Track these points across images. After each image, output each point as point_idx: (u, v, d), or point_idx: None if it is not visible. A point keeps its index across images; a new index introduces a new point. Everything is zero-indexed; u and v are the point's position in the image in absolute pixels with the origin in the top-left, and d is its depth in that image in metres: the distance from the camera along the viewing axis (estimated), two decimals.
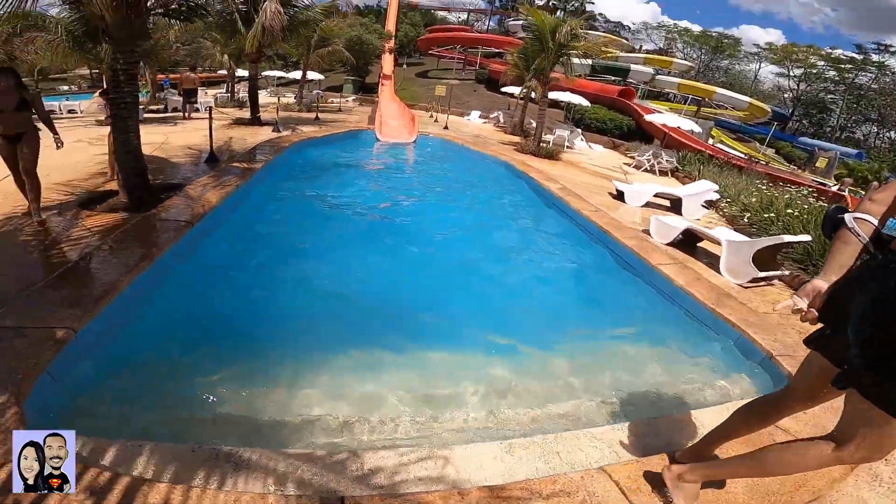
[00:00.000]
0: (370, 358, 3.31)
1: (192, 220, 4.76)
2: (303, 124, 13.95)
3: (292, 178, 8.11)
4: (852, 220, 1.55)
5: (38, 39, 11.16)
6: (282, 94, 24.11)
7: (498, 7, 59.20)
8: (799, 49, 48.01)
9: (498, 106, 23.07)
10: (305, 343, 3.41)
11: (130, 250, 3.90)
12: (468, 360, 3.45)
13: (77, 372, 2.63)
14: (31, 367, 2.40)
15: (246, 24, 12.69)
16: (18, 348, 2.51)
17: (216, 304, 3.84)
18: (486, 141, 14.16)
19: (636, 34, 61.55)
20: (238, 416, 2.61)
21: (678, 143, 17.34)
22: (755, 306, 4.35)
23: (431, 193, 8.47)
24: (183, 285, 3.97)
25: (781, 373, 3.21)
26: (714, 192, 8.71)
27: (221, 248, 4.82)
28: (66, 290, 3.19)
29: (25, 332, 2.65)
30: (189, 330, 3.40)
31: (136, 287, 3.45)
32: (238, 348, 3.26)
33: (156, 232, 4.43)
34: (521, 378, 3.27)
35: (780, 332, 3.74)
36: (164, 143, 9.24)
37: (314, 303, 4.07)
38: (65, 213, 4.81)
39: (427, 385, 3.10)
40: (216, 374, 2.91)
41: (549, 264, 5.68)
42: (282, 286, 4.27)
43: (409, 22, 46.69)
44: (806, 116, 50.65)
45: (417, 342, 3.57)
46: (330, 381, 3.02)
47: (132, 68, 5.41)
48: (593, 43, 14.25)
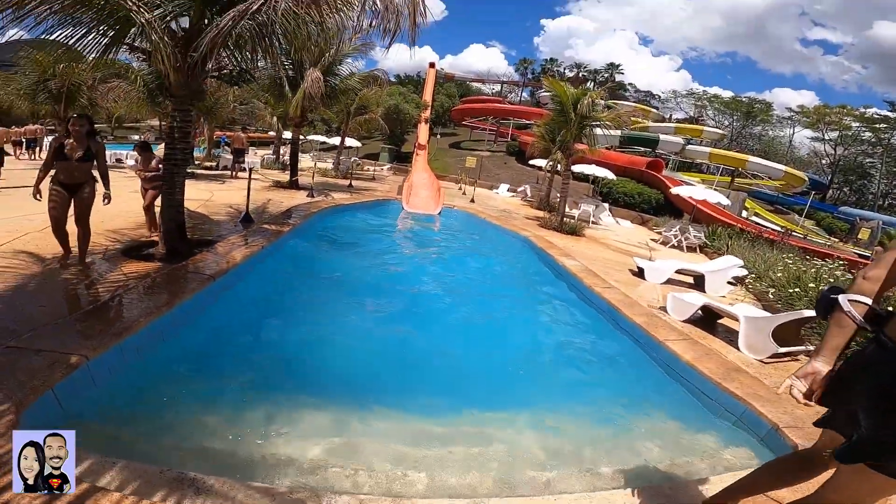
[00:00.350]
0: (360, 413, 3.40)
1: (216, 275, 5.10)
2: (336, 190, 14.70)
3: (313, 243, 8.48)
4: (847, 302, 1.56)
5: (117, 88, 12.69)
6: (323, 158, 25.65)
7: (530, 79, 62.08)
8: (831, 110, 46.18)
9: (527, 179, 23.41)
10: (295, 390, 3.64)
11: (155, 296, 4.28)
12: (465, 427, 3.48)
13: (80, 395, 2.88)
14: (39, 384, 2.67)
15: (292, 89, 13.74)
16: (33, 367, 2.81)
17: (219, 352, 4.14)
18: (510, 215, 14.33)
19: (666, 103, 61.79)
20: (216, 448, 2.81)
21: (707, 217, 17.16)
22: (774, 381, 4.31)
23: (444, 265, 8.61)
24: (194, 332, 4.25)
25: (787, 444, 3.21)
26: (739, 267, 8.54)
27: (235, 302, 5.13)
28: (90, 324, 3.52)
29: (43, 354, 2.97)
30: (190, 371, 3.68)
31: (152, 328, 3.77)
32: (230, 391, 3.49)
33: (181, 282, 4.78)
34: (520, 447, 3.30)
35: (790, 405, 3.71)
36: (209, 201, 9.96)
37: (310, 358, 4.31)
38: (108, 258, 5.28)
39: (413, 445, 3.14)
40: (206, 411, 3.16)
41: (554, 339, 5.66)
42: (283, 341, 4.57)
43: (445, 93, 49.41)
44: (846, 183, 48.61)
45: (409, 402, 3.67)
46: (313, 428, 3.17)
47: (187, 126, 5.95)
48: (617, 113, 14.42)
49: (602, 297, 6.51)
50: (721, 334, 5.61)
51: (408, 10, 4.37)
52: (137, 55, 6.16)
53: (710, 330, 5.70)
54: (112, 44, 5.24)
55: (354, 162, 22.81)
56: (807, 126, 49.35)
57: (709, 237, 13.97)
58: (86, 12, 4.73)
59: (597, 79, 63.33)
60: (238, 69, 6.93)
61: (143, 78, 11.24)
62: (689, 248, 13.53)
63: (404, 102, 31.17)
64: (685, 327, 5.67)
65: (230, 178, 15.25)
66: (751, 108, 52.70)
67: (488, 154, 31.60)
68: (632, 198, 20.53)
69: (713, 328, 5.81)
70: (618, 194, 20.76)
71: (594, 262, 8.83)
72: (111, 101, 14.41)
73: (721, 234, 13.96)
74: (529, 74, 61.61)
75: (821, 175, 46.79)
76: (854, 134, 45.43)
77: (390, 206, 14.10)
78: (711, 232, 14.29)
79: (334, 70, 14.57)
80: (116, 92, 12.97)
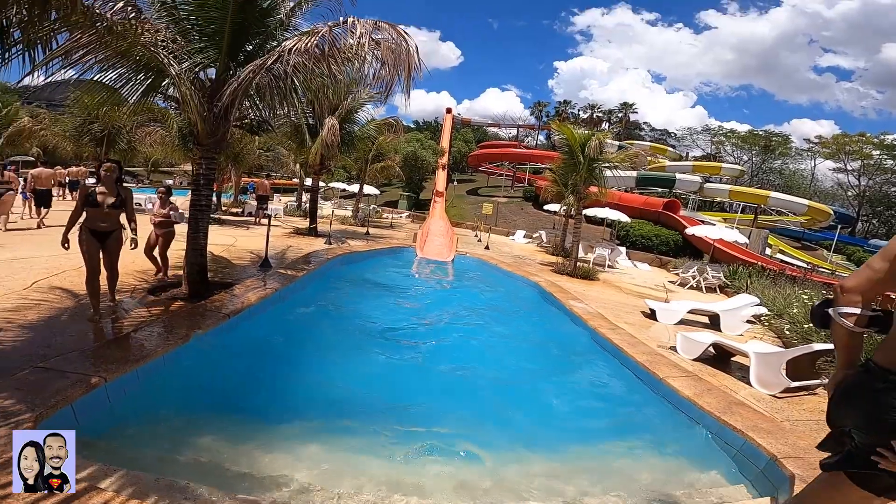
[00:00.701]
0: (346, 441, 3.62)
1: (230, 314, 5.46)
2: (353, 238, 15.07)
3: (325, 288, 8.80)
4: (838, 314, 1.68)
5: (154, 132, 13.45)
6: (343, 206, 26.40)
7: (545, 122, 63.14)
8: (850, 139, 44.75)
9: (543, 224, 23.37)
10: (290, 417, 3.89)
11: (174, 330, 4.66)
12: (468, 467, 3.57)
13: (95, 411, 3.19)
14: (60, 399, 2.98)
15: (312, 137, 14.16)
16: (57, 385, 3.15)
17: (227, 380, 4.46)
18: (524, 262, 14.36)
19: (682, 140, 60.94)
20: (211, 463, 3.06)
21: (727, 256, 16.88)
22: (787, 415, 4.37)
23: (449, 309, 8.73)
24: (207, 362, 4.58)
25: (784, 474, 3.25)
26: (754, 305, 8.41)
27: (247, 338, 5.46)
28: (112, 352, 3.92)
29: (68, 375, 3.32)
30: (197, 396, 4.01)
31: (168, 358, 4.13)
32: (232, 415, 3.78)
33: (199, 319, 5.11)
34: (519, 477, 3.42)
35: (792, 436, 3.79)
36: (232, 246, 10.44)
37: (305, 389, 4.60)
38: (135, 296, 5.73)
39: (410, 474, 3.29)
40: (207, 431, 3.42)
41: (557, 379, 5.71)
42: (285, 373, 4.88)
43: (462, 138, 50.74)
44: (874, 215, 46.36)
45: (403, 431, 3.85)
46: (303, 452, 3.38)
47: (211, 174, 6.37)
48: (626, 154, 14.41)
49: (605, 337, 6.58)
50: (734, 371, 5.68)
51: (404, 65, 4.72)
52: (171, 103, 6.68)
53: (722, 368, 5.75)
54: (148, 91, 5.85)
55: (373, 209, 23.31)
56: (827, 157, 47.89)
57: (729, 277, 13.70)
58: (125, 63, 5.34)
59: (611, 119, 64.12)
60: (258, 119, 7.48)
61: (177, 123, 11.85)
62: (708, 289, 13.28)
63: (422, 149, 32.00)
64: (694, 366, 5.69)
65: (254, 224, 15.81)
66: (768, 142, 51.66)
67: (505, 200, 31.84)
68: (649, 240, 20.33)
69: (727, 366, 5.87)
70: (635, 237, 20.59)
71: (605, 306, 8.79)
72: (148, 146, 15.14)
73: (741, 273, 13.70)
74: (544, 117, 62.64)
75: (847, 208, 45.27)
76: (876, 163, 43.84)
77: (404, 253, 14.36)
78: (732, 272, 14.02)
79: (352, 118, 15.05)
80: (153, 136, 13.85)
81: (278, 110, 6.72)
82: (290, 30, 6.51)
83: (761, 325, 8.69)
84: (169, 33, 5.48)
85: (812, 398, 5.02)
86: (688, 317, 8.35)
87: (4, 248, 7.52)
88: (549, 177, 16.50)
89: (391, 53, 4.77)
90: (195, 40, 5.87)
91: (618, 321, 7.56)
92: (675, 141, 61.04)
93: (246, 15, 5.75)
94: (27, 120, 21.16)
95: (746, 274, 13.53)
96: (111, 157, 5.89)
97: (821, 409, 4.53)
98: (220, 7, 5.56)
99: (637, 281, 13.60)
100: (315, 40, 5.06)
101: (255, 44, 6.29)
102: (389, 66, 4.78)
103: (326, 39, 5.17)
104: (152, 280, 6.61)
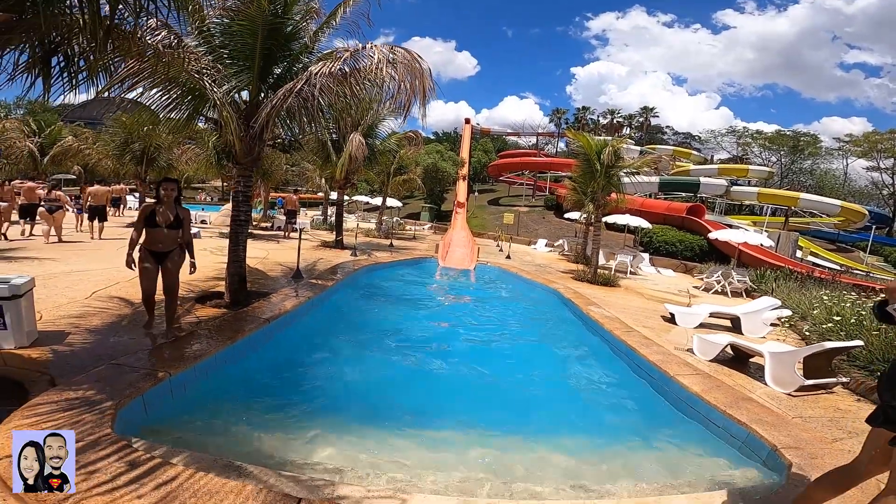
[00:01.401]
0: (373, 432, 3.96)
1: (269, 319, 5.97)
2: (378, 250, 15.48)
3: (353, 296, 9.32)
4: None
5: (189, 150, 14.10)
6: (367, 218, 26.98)
7: (565, 128, 62.53)
8: (882, 136, 42.97)
9: (565, 232, 23.42)
10: (324, 410, 4.35)
11: (222, 334, 5.16)
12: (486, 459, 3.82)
13: (160, 402, 3.68)
14: (133, 390, 3.47)
15: (336, 153, 14.61)
16: (129, 378, 3.67)
17: (269, 376, 4.97)
18: (545, 270, 14.46)
19: (706, 143, 59.09)
20: (260, 447, 3.50)
21: (754, 260, 16.60)
22: (800, 412, 4.50)
23: (470, 314, 9.05)
24: (251, 361, 5.12)
25: (784, 463, 3.44)
26: (775, 308, 8.38)
27: (285, 340, 6.02)
28: (171, 351, 4.45)
29: (137, 370, 3.86)
30: (245, 388, 4.58)
31: (220, 356, 4.65)
32: (275, 405, 4.26)
33: (242, 324, 5.64)
34: (535, 467, 3.68)
35: (795, 429, 3.97)
36: (265, 259, 11.03)
37: (338, 384, 5.05)
38: (184, 305, 6.23)
39: (433, 460, 3.63)
40: (255, 418, 3.94)
41: (570, 380, 5.95)
42: (321, 370, 5.38)
43: (482, 148, 50.92)
44: None
45: (426, 423, 4.20)
46: (337, 440, 3.78)
47: (248, 191, 6.85)
48: (644, 160, 14.39)
49: (621, 339, 6.77)
50: (752, 371, 5.78)
51: (419, 88, 5.09)
52: (210, 125, 7.24)
53: (740, 368, 5.86)
54: (192, 115, 6.40)
55: (396, 222, 23.68)
56: (859, 156, 46.18)
57: (755, 280, 13.51)
58: (173, 88, 5.90)
59: (632, 123, 63.23)
60: (289, 139, 8.01)
61: (212, 142, 12.25)
62: (733, 293, 13.10)
63: (441, 161, 32.16)
64: (710, 366, 5.82)
65: (283, 238, 16.38)
66: (797, 142, 50.08)
67: (526, 209, 31.86)
68: (673, 246, 20.18)
69: (745, 366, 5.96)
70: (658, 242, 20.49)
71: (625, 311, 8.87)
72: (184, 163, 15.84)
73: (768, 277, 13.48)
74: (564, 124, 61.88)
75: (883, 207, 43.55)
76: None
77: (426, 263, 14.72)
78: (759, 275, 13.82)
79: (373, 132, 15.53)
80: (188, 154, 14.53)
81: (306, 129, 7.16)
82: (313, 52, 7.01)
83: (784, 328, 8.62)
84: (207, 60, 5.98)
85: (829, 397, 5.08)
86: (709, 320, 8.38)
87: (59, 262, 8.21)
88: (569, 185, 16.56)
89: (407, 73, 5.16)
90: (230, 65, 6.39)
91: (636, 325, 7.66)
92: (700, 144, 59.41)
93: (273, 40, 6.26)
94: (71, 139, 21.90)
95: (773, 277, 13.33)
96: (170, 177, 6.24)
97: (836, 408, 4.72)
98: (251, 34, 6.08)
99: (660, 287, 13.53)
100: (338, 65, 5.48)
101: (283, 66, 6.78)
102: (406, 88, 5.14)
103: (348, 62, 5.61)
104: (200, 290, 7.12)
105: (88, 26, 3.25)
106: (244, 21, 5.97)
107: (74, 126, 29.04)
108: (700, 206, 24.44)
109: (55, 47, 3.75)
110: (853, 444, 3.76)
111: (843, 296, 8.45)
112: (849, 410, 4.67)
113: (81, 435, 2.73)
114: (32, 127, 23.80)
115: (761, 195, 30.21)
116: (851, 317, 6.87)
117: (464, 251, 16.62)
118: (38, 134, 23.51)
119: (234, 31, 6.21)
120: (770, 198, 30.05)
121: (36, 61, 3.69)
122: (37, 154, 22.30)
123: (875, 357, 5.56)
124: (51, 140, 23.06)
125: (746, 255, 16.89)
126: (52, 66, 3.81)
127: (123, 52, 4.26)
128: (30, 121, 24.61)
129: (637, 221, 17.70)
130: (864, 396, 5.09)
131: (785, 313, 8.93)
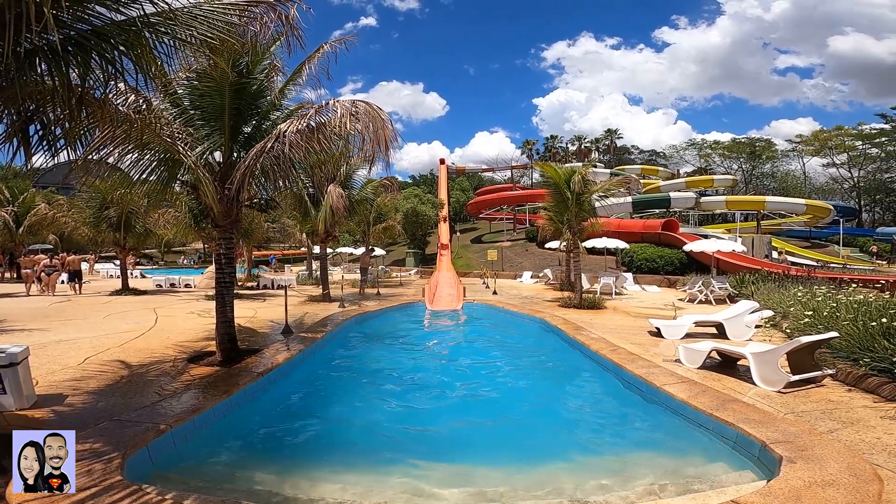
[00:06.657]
0: (366, 478, 4.02)
1: (263, 373, 6.15)
2: (366, 299, 15.38)
3: (343, 345, 9.40)
4: None
5: (166, 214, 13.87)
6: (352, 270, 26.89)
7: (537, 159, 63.83)
8: (830, 133, 45.82)
9: (549, 262, 23.61)
10: (318, 456, 4.48)
11: (215, 389, 5.42)
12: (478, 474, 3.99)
13: (164, 451, 3.96)
14: (138, 441, 3.77)
15: (315, 206, 14.69)
16: (133, 431, 3.97)
17: (264, 426, 5.14)
18: (531, 301, 14.55)
19: (670, 158, 61.56)
20: (259, 489, 3.69)
21: (731, 267, 17.00)
22: (792, 408, 4.58)
23: (458, 352, 9.18)
24: (246, 412, 5.32)
25: (774, 458, 3.51)
26: (753, 311, 8.52)
27: (277, 394, 6.12)
28: (170, 406, 4.69)
29: (141, 424, 4.15)
30: (242, 437, 4.79)
31: (215, 410, 4.91)
32: (270, 453, 4.53)
33: (235, 379, 5.83)
34: (532, 485, 3.78)
35: (783, 424, 4.08)
36: (254, 317, 11.07)
37: (330, 432, 5.14)
38: (177, 364, 6.47)
39: (429, 488, 3.72)
40: (252, 465, 4.17)
41: (560, 401, 6.10)
42: (314, 419, 5.48)
43: (459, 187, 51.78)
44: (875, 203, 46.46)
45: (421, 462, 4.22)
46: (329, 486, 3.80)
47: (231, 252, 6.93)
48: (611, 182, 14.71)
49: (607, 357, 6.96)
50: (740, 374, 5.88)
51: (382, 139, 5.36)
52: (186, 189, 7.41)
53: (729, 372, 5.97)
54: (169, 179, 6.57)
55: (382, 270, 23.51)
56: (813, 154, 48.71)
57: (735, 286, 13.80)
58: (146, 153, 6.03)
59: (599, 147, 65.41)
60: (266, 198, 8.17)
61: (188, 204, 12.04)
62: (717, 301, 13.36)
63: (420, 204, 32.44)
64: (699, 374, 5.92)
65: (270, 296, 16.06)
66: (753, 148, 52.56)
67: (509, 244, 32.19)
68: (654, 262, 20.53)
69: (734, 370, 6.07)
70: (639, 261, 20.82)
71: (612, 331, 8.98)
72: (162, 227, 15.62)
73: (747, 281, 13.79)
74: (535, 154, 63.38)
75: (847, 201, 45.23)
76: (862, 153, 44.55)
77: (414, 307, 14.71)
78: (738, 280, 14.13)
79: (348, 183, 15.81)
80: (166, 217, 14.38)
81: (281, 186, 7.34)
82: (280, 108, 7.34)
83: (768, 328, 8.79)
84: (178, 123, 6.17)
85: (820, 390, 5.18)
86: (695, 329, 8.55)
87: (49, 332, 8.50)
88: (544, 215, 16.77)
89: (370, 123, 5.43)
90: (201, 126, 6.59)
91: (623, 343, 7.79)
92: (665, 160, 61.62)
93: (241, 99, 6.53)
94: (44, 206, 21.24)
95: (752, 281, 13.64)
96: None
97: (828, 400, 4.85)
98: (218, 94, 6.33)
99: (645, 304, 13.70)
100: (304, 122, 5.74)
101: (252, 125, 7.04)
102: (370, 137, 5.39)
103: (314, 118, 5.87)
104: (192, 351, 7.22)
105: (60, 94, 3.43)
106: (210, 82, 6.23)
107: (47, 192, 28.17)
108: (673, 220, 25.01)
109: (31, 115, 3.93)
110: (849, 434, 3.87)
111: (815, 290, 8.72)
112: (840, 401, 4.77)
113: (94, 481, 2.91)
114: (6, 195, 22.80)
115: (729, 203, 31.29)
116: (824, 309, 7.07)
117: (451, 292, 16.61)
118: (12, 202, 22.51)
119: (202, 92, 6.45)
120: (738, 204, 31.06)
121: (15, 131, 3.86)
122: (11, 224, 21.43)
123: (856, 347, 5.61)
124: (24, 209, 22.18)
125: (724, 263, 17.30)
126: (30, 135, 4.00)
127: (97, 120, 4.43)
128: (3, 188, 23.46)
129: (615, 243, 18.04)
130: (855, 386, 5.17)
131: (766, 314, 9.13)
